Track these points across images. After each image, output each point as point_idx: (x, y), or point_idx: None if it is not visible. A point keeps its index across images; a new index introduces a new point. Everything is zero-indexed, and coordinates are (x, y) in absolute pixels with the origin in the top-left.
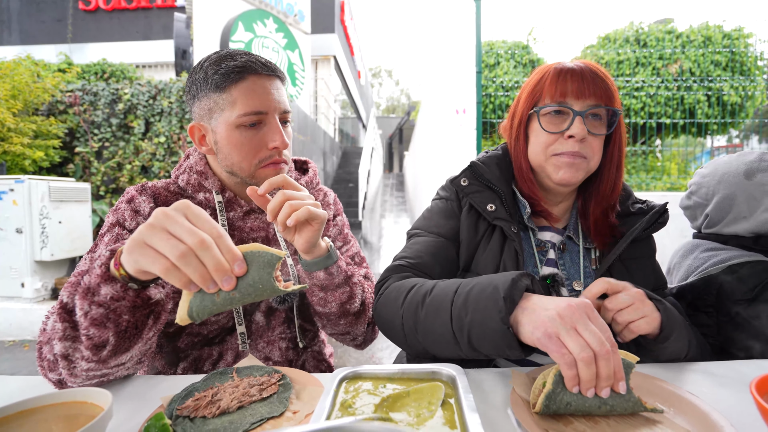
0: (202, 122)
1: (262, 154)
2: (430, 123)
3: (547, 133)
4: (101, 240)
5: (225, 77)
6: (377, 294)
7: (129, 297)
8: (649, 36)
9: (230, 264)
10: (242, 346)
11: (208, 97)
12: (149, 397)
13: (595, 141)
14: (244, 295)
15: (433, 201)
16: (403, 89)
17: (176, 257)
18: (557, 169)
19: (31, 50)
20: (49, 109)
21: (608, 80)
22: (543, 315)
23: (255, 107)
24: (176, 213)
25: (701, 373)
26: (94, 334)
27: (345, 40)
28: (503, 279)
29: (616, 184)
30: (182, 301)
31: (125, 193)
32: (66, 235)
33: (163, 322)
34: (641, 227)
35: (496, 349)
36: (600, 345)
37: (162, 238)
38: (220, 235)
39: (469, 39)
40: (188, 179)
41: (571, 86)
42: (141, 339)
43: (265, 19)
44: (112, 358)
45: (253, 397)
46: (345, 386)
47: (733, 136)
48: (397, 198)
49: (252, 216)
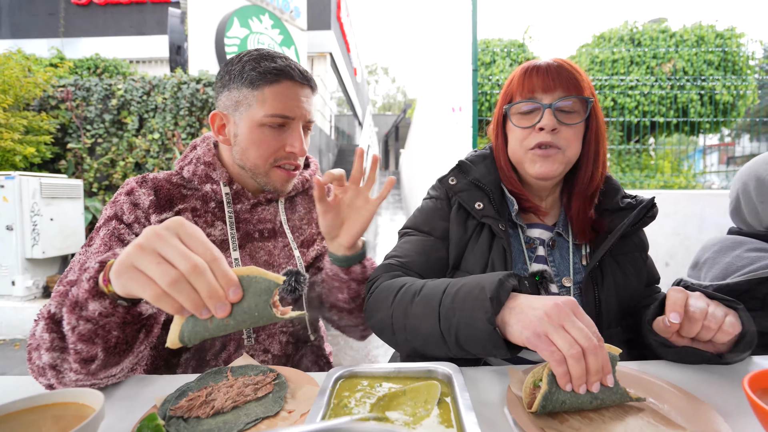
0: (227, 112)
1: (278, 154)
2: (427, 121)
3: (520, 128)
4: (97, 234)
5: (262, 76)
6: (367, 292)
7: (119, 313)
8: (644, 35)
9: (225, 290)
10: (247, 340)
11: (239, 90)
12: (142, 397)
13: (570, 131)
14: (238, 322)
15: (424, 200)
16: (400, 87)
17: (167, 284)
18: (533, 163)
19: (22, 44)
20: (40, 105)
21: (576, 72)
22: (531, 315)
23: (284, 111)
24: (168, 233)
25: (693, 369)
26: (82, 349)
27: (341, 37)
28: (490, 280)
29: (593, 175)
30: (174, 324)
31: (125, 184)
32: (58, 232)
33: (155, 335)
34: (629, 222)
35: (483, 349)
36: (587, 340)
37: (152, 261)
38: (215, 258)
39: (466, 37)
40: (195, 170)
41: (537, 81)
42: (131, 353)
43: (261, 15)
44: (101, 372)
45: (247, 397)
46: (341, 385)
47: (725, 134)
48: (392, 195)
49: (259, 208)
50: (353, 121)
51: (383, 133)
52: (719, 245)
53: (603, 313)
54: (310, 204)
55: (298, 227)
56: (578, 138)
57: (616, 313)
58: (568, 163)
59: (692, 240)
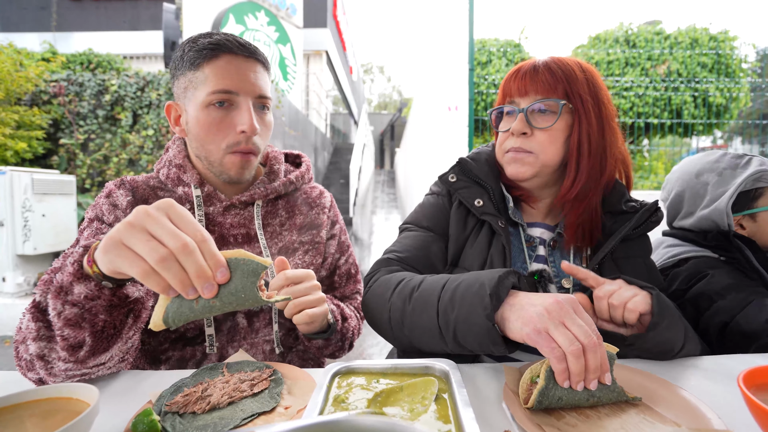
0: (179, 101)
1: (230, 138)
2: (422, 120)
3: (499, 132)
4: (81, 235)
5: (199, 53)
6: (366, 287)
7: (104, 296)
8: (638, 37)
9: (213, 270)
10: (209, 348)
11: (184, 75)
12: (137, 393)
13: (543, 135)
14: (224, 303)
15: (426, 196)
16: (395, 86)
17: (156, 261)
18: (507, 166)
19: (13, 38)
20: (32, 99)
21: (559, 72)
22: (531, 311)
23: (225, 86)
24: (158, 213)
25: (688, 368)
26: (69, 335)
27: (337, 35)
28: (490, 276)
29: (576, 179)
30: (158, 306)
31: (104, 188)
32: (50, 228)
33: (144, 321)
34: (631, 225)
35: (480, 346)
36: (587, 337)
37: (141, 239)
38: (204, 239)
39: (462, 36)
40: (167, 173)
41: (514, 85)
42: (120, 338)
43: (257, 11)
44: (91, 359)
45: (243, 393)
46: (338, 381)
47: (718, 137)
48: (388, 194)
49: (233, 211)
50: (349, 119)
51: (379, 131)
52: None
53: None
54: (295, 209)
55: (277, 233)
56: (554, 141)
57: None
58: (543, 166)
59: None
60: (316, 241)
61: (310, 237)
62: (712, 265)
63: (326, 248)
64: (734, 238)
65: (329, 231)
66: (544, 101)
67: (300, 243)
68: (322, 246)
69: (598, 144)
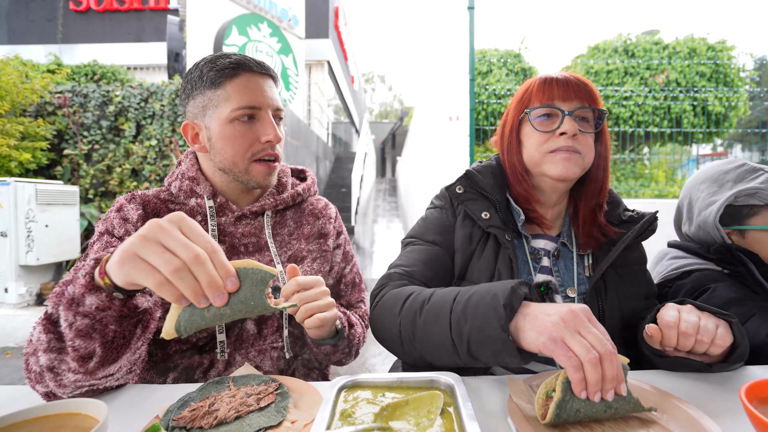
0: (196, 120)
1: (255, 147)
2: (424, 129)
3: (540, 132)
4: (91, 248)
5: (220, 73)
6: (373, 302)
7: (115, 306)
8: (637, 47)
9: (223, 280)
10: (221, 355)
11: (202, 95)
12: (144, 407)
13: (586, 138)
14: (234, 311)
15: (428, 210)
16: (396, 95)
17: (170, 272)
18: (555, 165)
19: (20, 50)
20: (37, 111)
21: (590, 86)
22: (546, 320)
23: (249, 102)
24: (170, 225)
25: (689, 380)
26: (80, 346)
27: (339, 46)
28: (502, 287)
29: (603, 183)
30: (170, 315)
31: (115, 203)
32: (53, 239)
33: (152, 331)
34: (633, 234)
35: (495, 357)
36: (603, 346)
37: (156, 251)
38: (214, 250)
39: (463, 46)
40: (180, 186)
41: (557, 90)
42: (129, 349)
43: (260, 23)
44: (100, 369)
45: (250, 407)
46: (344, 395)
47: (718, 144)
48: (389, 203)
49: (243, 221)
50: (350, 128)
51: (380, 140)
52: (655, 257)
53: (607, 324)
54: (302, 218)
55: (286, 242)
56: (593, 145)
57: (618, 325)
58: (584, 167)
59: None
60: (323, 250)
61: (318, 245)
62: (715, 279)
63: (333, 257)
64: (737, 251)
65: (335, 241)
66: (589, 108)
67: (308, 251)
68: (329, 254)
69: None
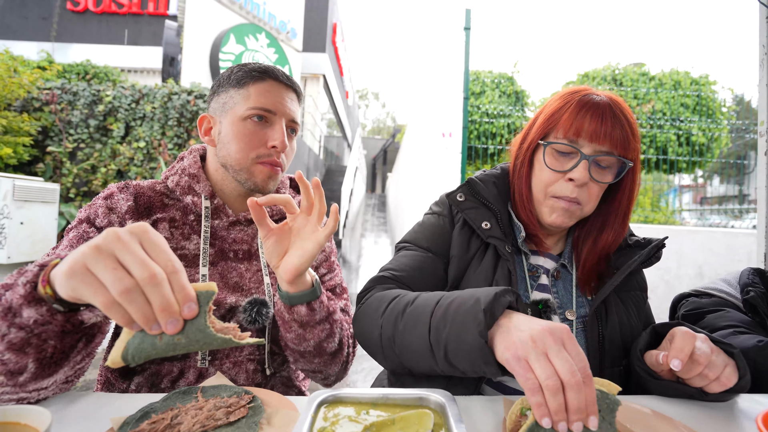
0: (215, 115)
1: (260, 150)
2: (415, 146)
3: (550, 170)
4: (66, 235)
5: (247, 75)
6: (358, 303)
7: (57, 321)
8: (625, 76)
9: (180, 305)
10: (201, 362)
11: (226, 92)
12: (97, 418)
13: (595, 187)
14: (191, 341)
15: (425, 215)
16: (389, 112)
17: (119, 292)
18: (551, 212)
19: (12, 46)
20: (23, 106)
21: (629, 124)
22: (515, 336)
23: (265, 104)
24: (130, 238)
25: (704, 408)
26: (9, 360)
27: (335, 61)
28: (486, 293)
29: (619, 234)
30: (119, 340)
31: (105, 189)
32: (27, 237)
33: (97, 345)
34: (640, 260)
35: (471, 365)
36: (570, 375)
37: (107, 266)
38: (175, 271)
39: (458, 66)
40: (178, 181)
41: (588, 126)
42: (68, 363)
43: (258, 33)
44: (31, 384)
45: (218, 421)
46: (323, 412)
47: (698, 176)
48: (378, 218)
49: (237, 227)
50: (342, 142)
51: (371, 156)
52: None
53: (606, 351)
54: None
55: None
56: (599, 194)
57: (618, 352)
58: (581, 216)
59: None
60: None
61: None
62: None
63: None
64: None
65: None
66: (614, 157)
67: None
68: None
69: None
